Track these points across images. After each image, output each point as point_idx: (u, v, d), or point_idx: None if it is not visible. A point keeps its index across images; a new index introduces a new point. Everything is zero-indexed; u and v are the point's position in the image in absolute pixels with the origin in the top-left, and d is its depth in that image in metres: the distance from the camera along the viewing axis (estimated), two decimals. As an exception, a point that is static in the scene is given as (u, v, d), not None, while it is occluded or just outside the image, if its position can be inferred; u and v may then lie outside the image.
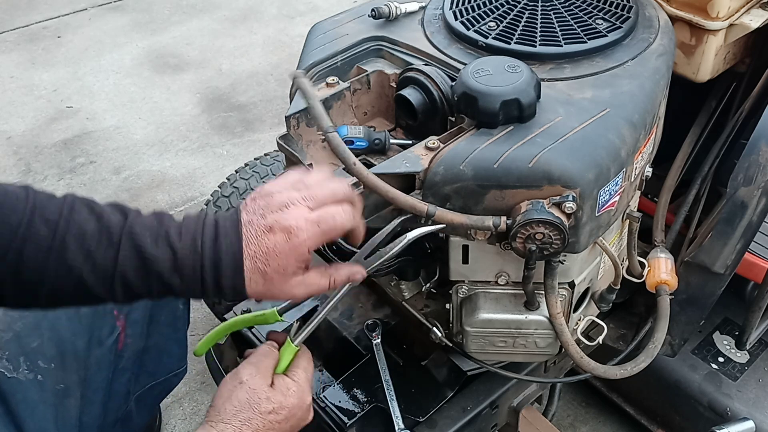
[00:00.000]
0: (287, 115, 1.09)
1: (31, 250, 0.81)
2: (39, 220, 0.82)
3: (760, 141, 1.15)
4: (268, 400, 0.91)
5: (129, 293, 0.86)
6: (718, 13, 1.24)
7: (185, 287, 0.86)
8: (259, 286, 0.87)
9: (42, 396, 1.07)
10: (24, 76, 3.36)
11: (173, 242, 0.85)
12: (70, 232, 0.83)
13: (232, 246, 0.86)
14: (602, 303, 1.24)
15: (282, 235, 0.86)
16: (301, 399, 0.94)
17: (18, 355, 1.07)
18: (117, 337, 1.20)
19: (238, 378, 0.93)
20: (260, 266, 0.86)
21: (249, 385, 0.92)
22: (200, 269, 0.85)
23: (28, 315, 1.11)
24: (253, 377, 0.92)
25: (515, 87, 0.98)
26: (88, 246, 0.83)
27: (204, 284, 0.86)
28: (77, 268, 0.83)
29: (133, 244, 0.84)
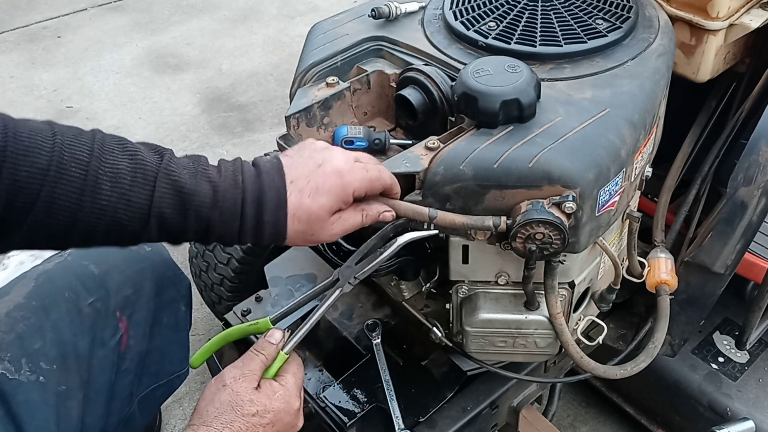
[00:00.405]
0: (287, 115, 1.09)
1: (63, 192, 0.80)
2: (69, 159, 0.80)
3: (760, 141, 1.15)
4: (251, 402, 0.88)
5: (165, 231, 0.85)
6: (718, 13, 1.24)
7: (223, 224, 0.86)
8: (302, 223, 0.88)
9: (43, 397, 1.06)
10: (24, 76, 3.36)
11: (212, 178, 0.86)
12: (102, 171, 0.81)
13: (275, 182, 0.87)
14: (602, 303, 1.24)
15: (331, 173, 0.89)
16: (288, 404, 0.92)
17: (20, 356, 1.07)
18: (120, 338, 1.19)
19: (221, 381, 0.90)
20: (305, 201, 0.87)
21: (232, 388, 0.89)
22: (241, 203, 0.86)
23: (30, 317, 1.11)
24: (236, 380, 0.90)
25: (515, 87, 0.98)
26: (122, 185, 0.82)
27: (243, 220, 0.86)
28: (111, 208, 0.82)
29: (170, 180, 0.84)
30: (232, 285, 1.76)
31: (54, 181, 0.80)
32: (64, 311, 1.13)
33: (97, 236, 0.85)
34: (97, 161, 0.82)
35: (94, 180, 0.81)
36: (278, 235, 0.89)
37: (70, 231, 0.83)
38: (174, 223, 0.85)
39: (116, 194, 0.82)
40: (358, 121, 1.20)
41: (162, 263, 1.29)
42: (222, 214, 0.86)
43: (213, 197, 0.86)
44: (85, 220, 0.82)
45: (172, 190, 0.84)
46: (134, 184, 0.83)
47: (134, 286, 1.23)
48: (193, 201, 0.85)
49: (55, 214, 0.81)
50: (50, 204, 0.80)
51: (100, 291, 1.18)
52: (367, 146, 1.10)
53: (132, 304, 1.22)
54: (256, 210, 0.87)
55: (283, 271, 1.57)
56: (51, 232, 0.83)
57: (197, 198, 0.85)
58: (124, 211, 0.83)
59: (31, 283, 1.16)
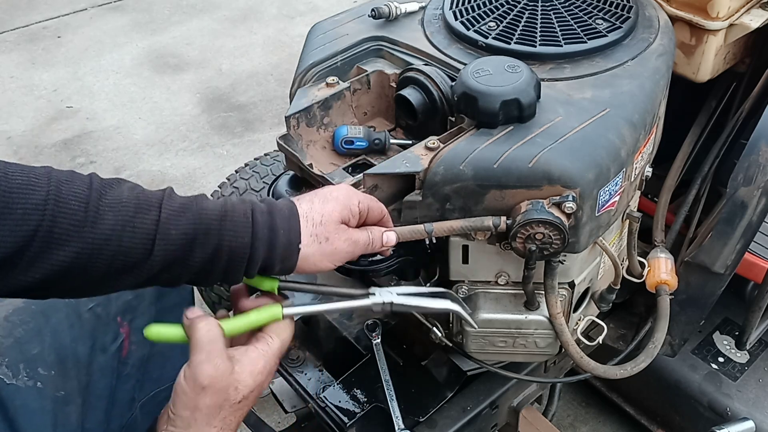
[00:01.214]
0: (287, 115, 1.09)
1: (63, 226, 0.77)
2: (67, 194, 0.78)
3: (760, 141, 1.15)
4: (236, 391, 0.82)
5: (169, 257, 0.82)
6: (718, 13, 1.24)
7: (234, 236, 0.83)
8: (315, 226, 0.88)
9: (41, 403, 1.06)
10: (24, 76, 3.37)
11: (217, 198, 0.86)
12: (103, 203, 0.80)
13: (280, 200, 0.89)
14: (602, 303, 1.24)
15: (335, 189, 0.92)
16: (269, 373, 0.86)
17: (18, 361, 1.06)
18: (121, 343, 1.19)
19: (199, 384, 0.81)
20: (316, 206, 0.89)
21: (213, 387, 0.81)
22: (251, 213, 0.85)
23: (29, 321, 1.10)
24: (213, 378, 0.81)
25: (515, 87, 0.98)
26: (125, 213, 0.80)
27: (255, 230, 0.84)
28: (115, 237, 0.79)
29: (175, 203, 0.82)
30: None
31: (53, 216, 0.77)
32: (63, 316, 1.13)
33: (97, 272, 0.81)
34: (97, 193, 0.80)
35: (95, 211, 0.79)
36: (293, 244, 0.87)
37: (71, 269, 0.79)
38: (181, 244, 0.82)
39: (120, 223, 0.80)
40: (358, 121, 1.20)
41: None
42: (233, 224, 0.84)
43: (222, 208, 0.84)
44: (86, 254, 0.79)
45: (179, 210, 0.82)
46: (138, 210, 0.81)
47: (135, 291, 1.22)
48: (201, 215, 0.83)
49: (54, 250, 0.78)
50: (49, 238, 0.77)
51: (100, 296, 1.18)
52: (367, 146, 1.10)
53: (133, 309, 1.21)
54: (267, 218, 0.85)
55: (283, 271, 1.56)
56: (51, 271, 0.79)
57: (205, 213, 0.83)
58: (129, 238, 0.80)
59: None
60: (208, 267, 0.85)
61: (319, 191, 0.92)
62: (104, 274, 0.82)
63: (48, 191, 0.77)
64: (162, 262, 0.82)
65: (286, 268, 0.88)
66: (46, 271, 0.78)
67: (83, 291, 0.85)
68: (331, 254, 0.90)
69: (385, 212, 0.97)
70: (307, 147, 1.12)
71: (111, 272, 0.82)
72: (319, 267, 0.91)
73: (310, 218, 0.88)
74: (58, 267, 0.78)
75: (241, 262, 0.85)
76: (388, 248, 0.98)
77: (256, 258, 0.86)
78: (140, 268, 0.82)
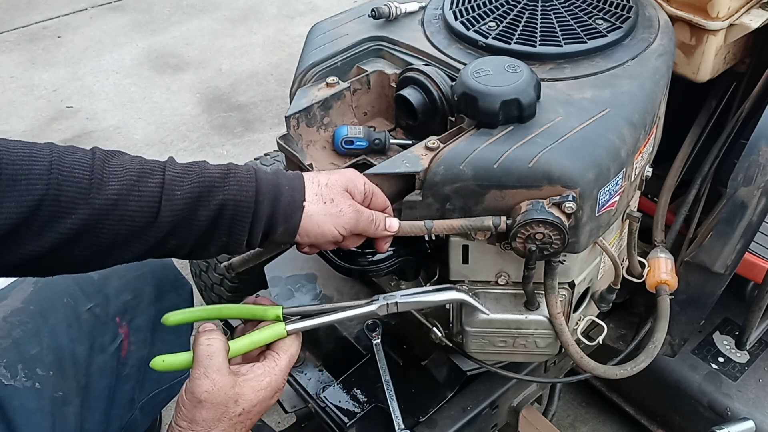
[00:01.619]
0: (287, 115, 1.09)
1: (69, 194, 0.78)
2: (70, 163, 0.80)
3: (760, 141, 1.15)
4: (236, 404, 0.83)
5: (176, 216, 0.83)
6: (718, 13, 1.24)
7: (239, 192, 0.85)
8: (321, 187, 0.89)
9: (39, 404, 1.05)
10: (24, 76, 3.37)
11: (222, 165, 0.87)
12: (107, 170, 0.81)
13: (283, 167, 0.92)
14: (602, 303, 1.24)
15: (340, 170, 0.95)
16: (274, 389, 0.86)
17: (16, 362, 1.06)
18: (120, 344, 1.19)
19: (196, 398, 0.82)
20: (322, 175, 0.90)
21: (210, 402, 0.82)
22: (255, 171, 0.87)
23: (28, 322, 1.10)
24: (210, 393, 0.82)
25: (515, 87, 0.98)
26: (130, 177, 0.81)
27: (259, 186, 0.85)
28: (122, 201, 0.80)
29: (178, 166, 0.84)
30: (232, 285, 1.76)
31: (58, 184, 0.78)
32: (62, 317, 1.13)
33: (105, 238, 0.82)
34: (100, 162, 0.81)
35: (100, 178, 0.80)
36: (297, 201, 0.87)
37: (80, 236, 0.80)
38: (187, 203, 0.83)
39: (126, 187, 0.81)
40: (358, 121, 1.20)
41: (163, 268, 1.28)
42: (237, 180, 0.85)
43: (225, 168, 0.86)
44: (94, 220, 0.80)
45: (182, 172, 0.84)
46: (142, 175, 0.82)
47: (134, 292, 1.22)
48: (204, 174, 0.84)
49: (62, 217, 0.79)
50: (56, 207, 0.78)
51: (99, 296, 1.18)
52: (367, 146, 1.10)
53: (132, 309, 1.21)
54: (272, 177, 0.87)
55: (283, 271, 1.56)
56: (60, 239, 0.80)
57: (208, 172, 0.85)
58: (135, 202, 0.81)
59: (29, 288, 1.15)
60: (213, 226, 0.85)
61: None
62: (112, 241, 0.82)
63: (51, 161, 0.79)
64: (169, 224, 0.83)
65: (290, 227, 0.88)
66: (55, 239, 0.79)
67: (92, 260, 0.85)
68: (335, 216, 0.90)
69: (389, 204, 0.98)
70: (307, 147, 1.12)
71: (119, 238, 0.82)
72: (323, 229, 0.90)
73: (315, 181, 0.90)
74: (66, 235, 0.79)
75: (246, 217, 0.86)
76: (389, 235, 0.97)
77: (260, 214, 0.86)
78: (148, 231, 0.83)
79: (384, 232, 0.96)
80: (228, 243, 0.87)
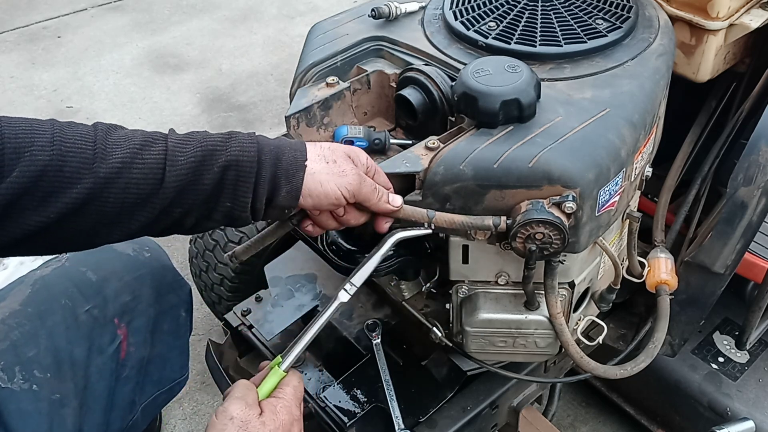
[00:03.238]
0: (287, 115, 1.09)
1: (73, 164, 0.80)
2: (72, 135, 0.81)
3: (760, 141, 1.15)
4: (263, 425, 0.87)
5: (180, 181, 0.84)
6: (718, 13, 1.24)
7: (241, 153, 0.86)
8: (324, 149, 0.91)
9: (36, 406, 1.05)
10: (24, 76, 3.37)
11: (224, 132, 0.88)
12: (110, 141, 0.82)
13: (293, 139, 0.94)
14: (602, 303, 1.24)
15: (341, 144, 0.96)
16: (291, 415, 0.91)
17: (14, 364, 1.06)
18: (119, 345, 1.18)
19: (228, 415, 0.87)
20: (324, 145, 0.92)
21: (241, 419, 0.87)
22: (256, 136, 0.88)
23: (25, 324, 1.10)
24: (242, 410, 0.88)
25: (515, 87, 0.98)
26: (133, 146, 0.83)
27: (261, 149, 0.86)
28: (126, 168, 0.82)
29: (180, 135, 0.85)
30: (232, 285, 1.76)
31: (61, 155, 0.79)
32: (59, 318, 1.12)
33: (111, 208, 0.83)
34: (102, 133, 0.83)
35: (103, 148, 0.81)
36: (299, 160, 0.89)
37: (85, 206, 0.81)
38: (190, 167, 0.84)
39: (129, 155, 0.82)
40: (358, 121, 1.20)
41: (161, 269, 1.28)
42: (239, 142, 0.86)
43: (226, 134, 0.87)
44: (99, 188, 0.81)
45: (184, 138, 0.85)
46: (145, 144, 0.83)
47: (133, 293, 1.21)
48: (206, 139, 0.86)
49: (67, 187, 0.80)
50: (59, 176, 0.79)
51: (97, 298, 1.17)
52: (367, 146, 1.10)
53: (131, 310, 1.21)
54: (273, 140, 0.89)
55: (283, 271, 1.57)
56: (65, 210, 0.81)
57: (210, 137, 0.86)
58: (139, 170, 0.82)
59: (27, 290, 1.15)
60: (218, 189, 0.86)
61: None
62: (118, 210, 0.83)
63: (53, 134, 0.80)
64: (174, 190, 0.84)
65: (294, 187, 0.89)
66: (60, 209, 0.80)
67: (98, 233, 0.86)
68: (338, 175, 0.91)
69: (391, 187, 0.98)
70: (307, 147, 1.12)
71: (125, 207, 0.83)
72: (326, 189, 0.90)
73: (317, 144, 0.92)
74: (72, 204, 0.80)
75: (249, 177, 0.87)
76: (391, 210, 0.96)
77: (263, 173, 0.87)
78: (153, 199, 0.84)
79: (387, 206, 0.95)
80: (233, 208, 0.88)
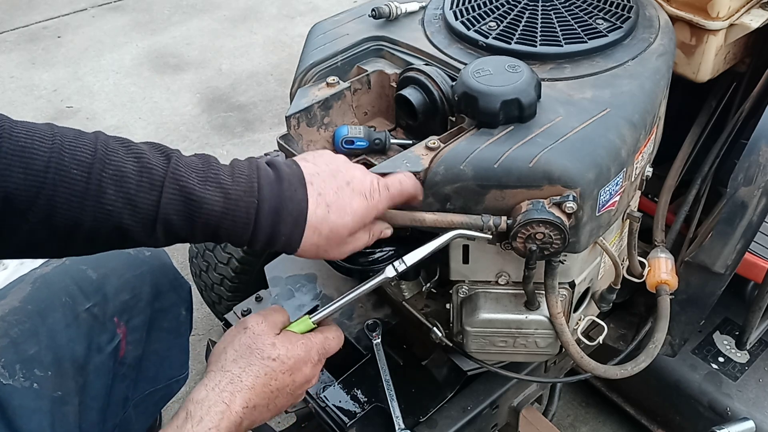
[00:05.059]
0: (287, 115, 1.09)
1: (64, 196, 0.77)
2: (69, 160, 0.77)
3: (760, 141, 1.15)
4: (272, 346, 0.86)
5: (171, 236, 0.83)
6: (718, 13, 1.24)
7: (233, 232, 0.84)
8: (321, 238, 0.87)
9: (38, 404, 1.05)
10: (24, 76, 3.37)
11: (224, 183, 0.83)
12: (106, 174, 0.78)
13: (296, 193, 0.85)
14: (602, 303, 1.24)
15: (359, 195, 0.87)
16: (308, 354, 0.89)
17: (14, 362, 1.06)
18: (118, 344, 1.18)
19: (243, 324, 0.88)
20: (332, 217, 0.86)
21: (253, 330, 0.87)
22: (255, 212, 0.83)
23: (26, 321, 1.10)
24: (259, 324, 0.88)
25: (515, 87, 0.98)
26: (127, 189, 0.79)
27: (257, 228, 0.84)
28: (116, 213, 0.79)
29: (177, 186, 0.81)
30: (232, 285, 1.76)
31: (54, 184, 0.77)
32: (60, 316, 1.12)
33: (99, 241, 0.83)
34: (100, 163, 0.79)
35: (98, 183, 0.78)
36: (290, 247, 0.87)
37: (72, 236, 0.81)
38: (182, 228, 0.83)
39: (121, 199, 0.79)
40: (358, 121, 1.20)
41: (161, 268, 1.28)
42: (234, 222, 0.84)
43: (224, 204, 0.83)
44: (88, 225, 0.80)
45: (180, 197, 0.81)
46: (140, 188, 0.80)
47: (133, 291, 1.22)
48: (201, 209, 0.82)
49: (56, 218, 0.78)
50: (51, 207, 0.78)
51: (97, 296, 1.17)
52: (367, 146, 1.10)
53: (130, 309, 1.21)
54: (272, 221, 0.85)
55: (283, 271, 1.57)
56: (52, 236, 0.80)
57: (206, 206, 0.82)
58: (130, 216, 0.80)
59: (27, 287, 1.15)
60: (211, 241, 0.88)
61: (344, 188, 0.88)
62: (107, 240, 0.83)
63: (50, 158, 0.77)
64: (164, 239, 0.84)
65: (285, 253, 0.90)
66: (49, 236, 0.80)
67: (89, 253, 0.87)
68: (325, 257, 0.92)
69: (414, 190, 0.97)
70: (307, 147, 1.12)
71: (115, 239, 0.83)
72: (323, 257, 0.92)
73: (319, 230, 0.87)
74: (63, 230, 0.80)
75: (239, 245, 0.88)
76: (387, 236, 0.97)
77: (252, 247, 0.88)
78: (144, 242, 0.84)
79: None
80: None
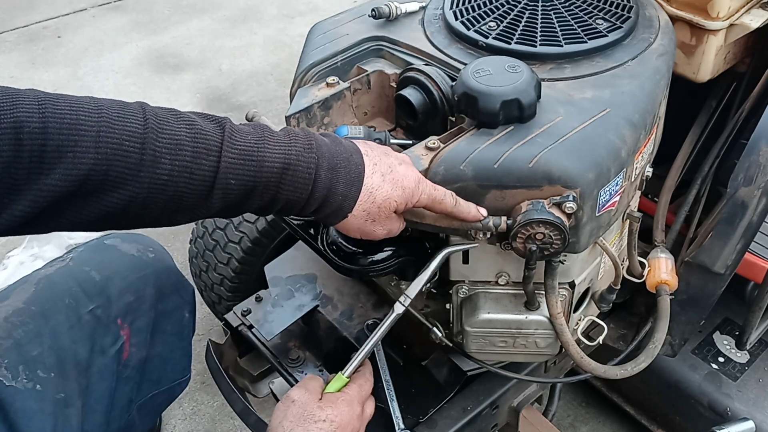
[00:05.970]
0: (287, 115, 1.09)
1: (118, 169, 0.74)
2: (120, 133, 0.74)
3: (760, 141, 1.15)
4: (320, 409, 0.96)
5: (227, 203, 0.82)
6: (718, 13, 1.24)
7: (293, 188, 0.84)
8: (374, 205, 0.89)
9: (41, 405, 1.05)
10: (24, 76, 3.37)
11: (281, 143, 0.83)
12: (160, 144, 0.76)
13: (353, 157, 0.88)
14: (602, 303, 1.24)
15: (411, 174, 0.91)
16: (351, 407, 0.99)
17: (17, 363, 1.05)
18: (121, 346, 1.18)
19: (289, 399, 0.98)
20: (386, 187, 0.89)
21: (300, 401, 0.97)
22: (314, 168, 0.84)
23: (29, 322, 1.09)
24: (302, 394, 0.99)
25: (515, 87, 0.98)
26: (183, 157, 0.77)
27: (315, 186, 0.84)
28: (172, 183, 0.77)
29: (236, 150, 0.80)
30: (232, 285, 1.76)
31: (107, 158, 0.73)
32: (63, 318, 1.12)
33: (152, 213, 0.81)
34: (153, 133, 0.76)
35: (152, 154, 0.76)
36: (342, 210, 0.88)
37: (126, 210, 0.78)
38: (240, 193, 0.82)
39: (178, 168, 0.77)
40: (358, 121, 1.20)
41: (165, 270, 1.28)
42: (294, 178, 0.83)
43: (284, 160, 0.82)
44: (142, 197, 0.78)
45: (239, 160, 0.80)
46: (196, 155, 0.78)
47: (136, 293, 1.21)
48: (263, 168, 0.81)
49: (110, 194, 0.76)
50: (103, 180, 0.74)
51: (101, 298, 1.17)
52: (367, 146, 1.10)
53: (134, 311, 1.21)
54: (330, 178, 0.85)
55: (283, 271, 1.56)
56: (107, 211, 0.77)
57: (267, 164, 0.81)
58: (186, 184, 0.79)
59: (31, 288, 1.14)
60: (262, 210, 0.88)
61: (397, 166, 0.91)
62: (160, 213, 0.82)
63: (99, 132, 0.73)
64: (219, 206, 0.83)
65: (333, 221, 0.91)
66: (99, 211, 0.77)
67: (138, 225, 0.86)
68: (368, 233, 0.94)
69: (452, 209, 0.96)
70: (307, 147, 1.12)
71: (167, 211, 0.82)
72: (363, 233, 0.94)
73: (373, 197, 0.89)
74: (113, 208, 0.77)
75: (294, 209, 0.89)
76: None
77: (308, 209, 0.88)
78: (197, 209, 0.83)
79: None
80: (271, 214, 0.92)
